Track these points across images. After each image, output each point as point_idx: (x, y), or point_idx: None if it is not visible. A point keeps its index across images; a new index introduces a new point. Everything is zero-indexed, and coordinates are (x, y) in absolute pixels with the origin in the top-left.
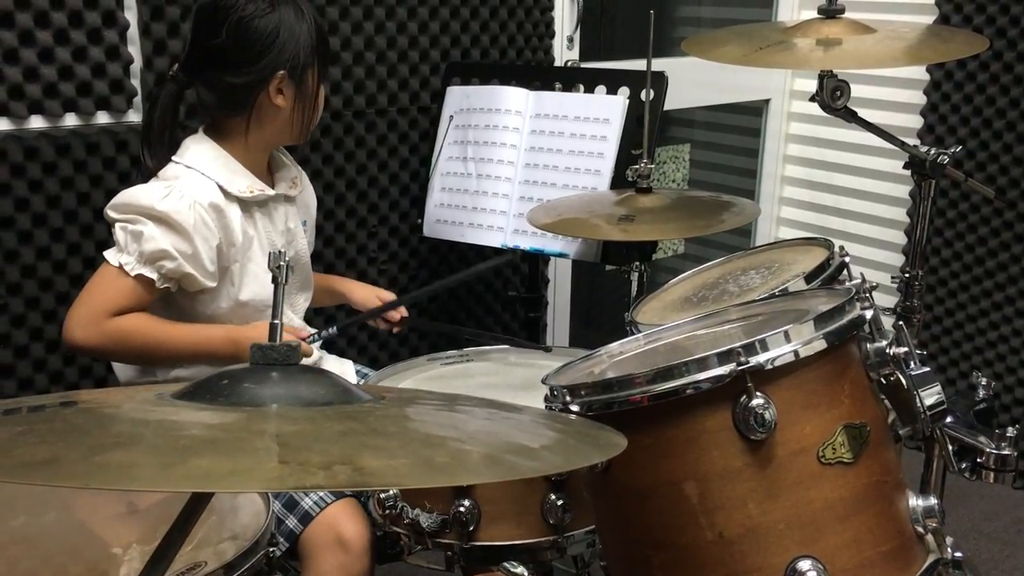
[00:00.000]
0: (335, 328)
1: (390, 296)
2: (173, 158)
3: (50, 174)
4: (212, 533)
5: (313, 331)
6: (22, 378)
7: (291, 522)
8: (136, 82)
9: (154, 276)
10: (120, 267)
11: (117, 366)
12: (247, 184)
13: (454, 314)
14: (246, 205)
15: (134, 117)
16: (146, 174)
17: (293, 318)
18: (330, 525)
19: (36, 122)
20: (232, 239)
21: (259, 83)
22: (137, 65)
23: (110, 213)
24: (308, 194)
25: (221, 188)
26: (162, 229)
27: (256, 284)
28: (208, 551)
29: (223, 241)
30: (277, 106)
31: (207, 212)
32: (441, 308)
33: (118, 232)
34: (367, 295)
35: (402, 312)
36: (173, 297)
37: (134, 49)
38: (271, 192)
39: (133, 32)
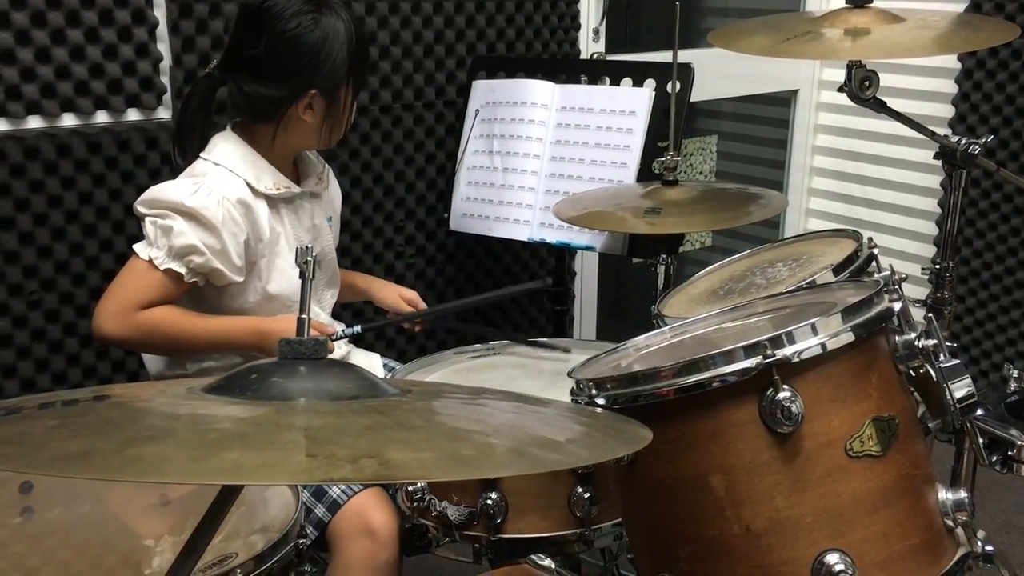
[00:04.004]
0: (359, 328)
1: (412, 295)
2: (201, 155)
3: (82, 171)
4: (242, 525)
5: (339, 327)
6: (56, 372)
7: (319, 511)
8: (165, 79)
9: (183, 270)
10: (150, 261)
11: (148, 360)
12: (274, 181)
13: (480, 308)
14: (273, 201)
15: (164, 114)
16: (176, 170)
17: (320, 313)
18: (358, 514)
19: (68, 120)
20: (259, 235)
21: (289, 99)
22: (166, 63)
23: (140, 208)
24: (333, 190)
25: (249, 185)
26: (191, 224)
27: (283, 279)
28: (238, 543)
29: (250, 236)
30: (305, 120)
31: (235, 208)
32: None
33: (148, 226)
34: (390, 293)
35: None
36: (202, 292)
37: (163, 47)
38: (297, 189)
39: (162, 30)
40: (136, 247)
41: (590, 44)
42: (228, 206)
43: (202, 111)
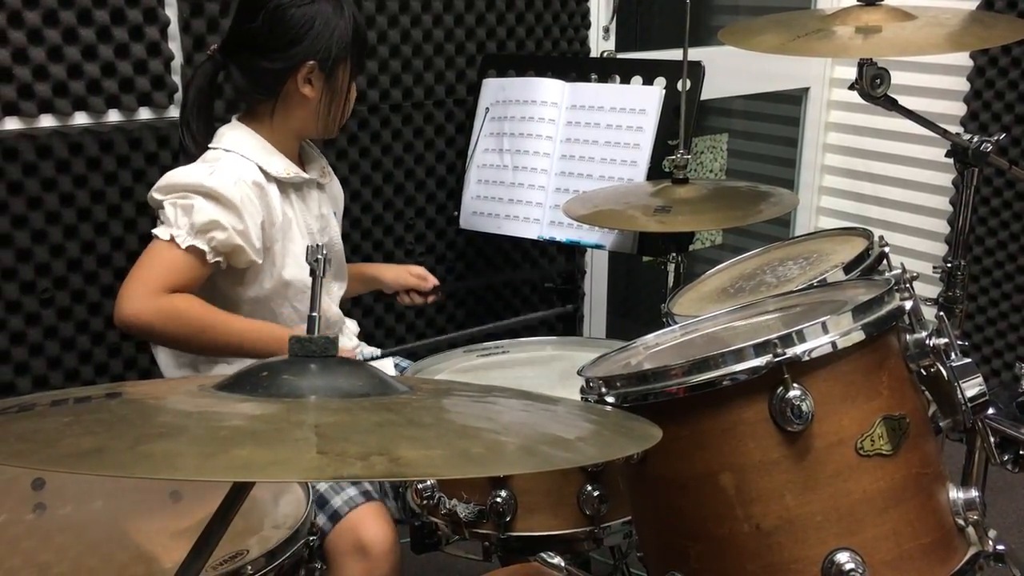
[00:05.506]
0: (379, 352)
1: (420, 269)
2: (210, 145)
3: (94, 169)
4: (254, 522)
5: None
6: (68, 370)
7: (321, 519)
8: (177, 78)
9: (205, 247)
10: (171, 239)
11: (161, 360)
12: (284, 166)
13: (490, 305)
14: (283, 186)
15: (175, 113)
16: (187, 154)
17: (331, 305)
18: (352, 529)
19: (80, 118)
20: (273, 218)
21: (288, 70)
22: (178, 61)
23: (156, 195)
24: (336, 186)
25: (260, 168)
26: (211, 203)
27: (297, 265)
28: (250, 539)
29: (266, 219)
30: (304, 95)
31: (251, 189)
32: (478, 300)
33: (167, 208)
34: (398, 273)
35: (434, 281)
36: (218, 281)
37: (175, 46)
38: (305, 175)
39: (174, 29)
40: (156, 231)
41: (600, 42)
42: (245, 187)
43: (205, 93)
